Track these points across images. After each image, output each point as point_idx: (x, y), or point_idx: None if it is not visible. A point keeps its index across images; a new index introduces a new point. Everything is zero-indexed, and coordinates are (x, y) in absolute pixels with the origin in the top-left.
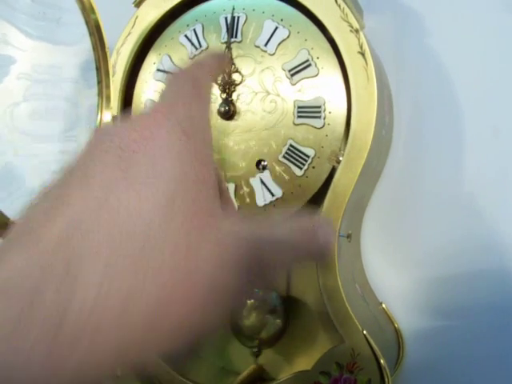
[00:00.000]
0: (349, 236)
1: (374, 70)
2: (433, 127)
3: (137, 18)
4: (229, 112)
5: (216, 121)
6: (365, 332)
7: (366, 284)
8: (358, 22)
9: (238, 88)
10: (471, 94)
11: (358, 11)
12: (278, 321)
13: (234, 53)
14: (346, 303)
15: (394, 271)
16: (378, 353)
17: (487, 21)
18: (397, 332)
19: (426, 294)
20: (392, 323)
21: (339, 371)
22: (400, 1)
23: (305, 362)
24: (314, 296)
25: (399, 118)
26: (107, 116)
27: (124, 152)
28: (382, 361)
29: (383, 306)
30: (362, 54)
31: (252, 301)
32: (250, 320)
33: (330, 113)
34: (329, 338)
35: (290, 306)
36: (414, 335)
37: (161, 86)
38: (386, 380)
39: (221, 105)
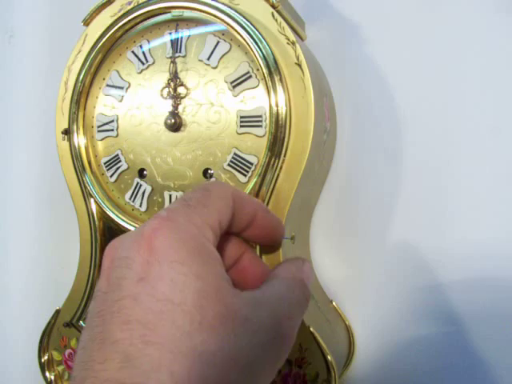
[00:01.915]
0: (292, 238)
1: (310, 79)
2: (373, 131)
3: (86, 35)
4: (175, 124)
5: (163, 133)
6: (311, 328)
7: (316, 283)
8: (298, 33)
9: (183, 101)
10: (409, 99)
11: (298, 23)
12: None
13: (179, 67)
14: None
15: (343, 270)
16: (325, 348)
17: (420, 25)
18: (347, 329)
19: (376, 291)
20: (343, 320)
21: (289, 367)
22: (339, 11)
23: None
24: None
25: (342, 123)
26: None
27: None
28: (328, 356)
29: (334, 303)
30: (299, 64)
31: None
32: None
33: (271, 122)
34: None
35: None
36: (365, 332)
37: (110, 100)
38: (333, 373)
39: (167, 117)
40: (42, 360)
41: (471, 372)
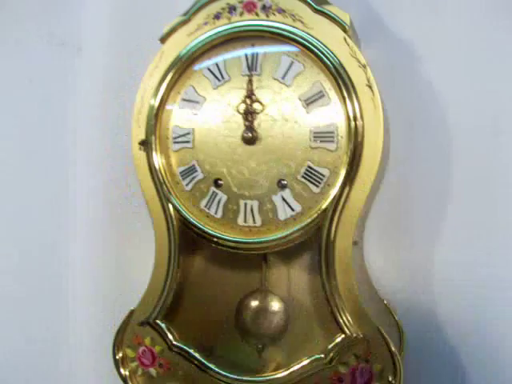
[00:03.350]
0: (356, 243)
1: (380, 100)
2: (424, 145)
3: (163, 53)
4: (252, 138)
5: (239, 145)
6: (379, 326)
7: (369, 282)
8: None
9: (258, 116)
10: (460, 114)
11: (357, 43)
12: (281, 320)
13: (255, 85)
14: (362, 302)
15: (394, 272)
16: (391, 344)
17: (472, 48)
18: (397, 324)
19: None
20: (393, 317)
21: (356, 361)
22: (393, 31)
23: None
24: (310, 298)
25: (395, 137)
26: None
27: None
28: (394, 350)
29: (385, 302)
30: (370, 86)
31: (257, 303)
32: (255, 320)
33: (341, 137)
34: (324, 334)
35: (290, 308)
36: (413, 328)
37: (186, 113)
38: (398, 366)
39: (245, 131)
40: (117, 357)
41: None
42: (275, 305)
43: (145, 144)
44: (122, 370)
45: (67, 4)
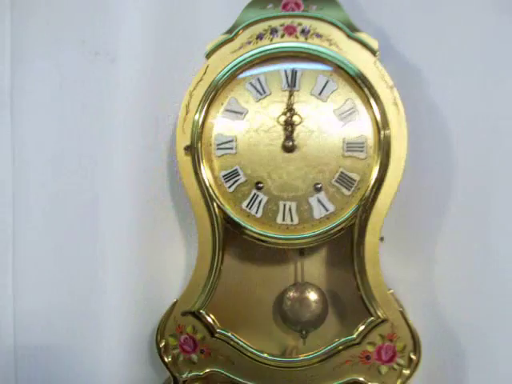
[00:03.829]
0: (382, 239)
1: (404, 116)
2: (429, 151)
3: (207, 67)
4: (292, 147)
5: (279, 153)
6: (401, 309)
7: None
8: None
9: (297, 127)
10: (463, 135)
11: None
12: (320, 308)
13: (294, 99)
14: (386, 289)
15: (402, 266)
16: (412, 325)
17: (474, 71)
18: (401, 314)
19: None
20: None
21: (382, 341)
22: (403, 56)
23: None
24: (344, 288)
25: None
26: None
27: None
28: (415, 331)
29: (391, 291)
30: (396, 104)
31: (299, 293)
32: (298, 309)
33: (370, 147)
34: (357, 318)
35: (328, 297)
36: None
37: (228, 122)
38: (418, 344)
39: (285, 140)
40: (160, 346)
41: None
42: (315, 295)
43: (190, 149)
44: (165, 358)
45: (102, 15)
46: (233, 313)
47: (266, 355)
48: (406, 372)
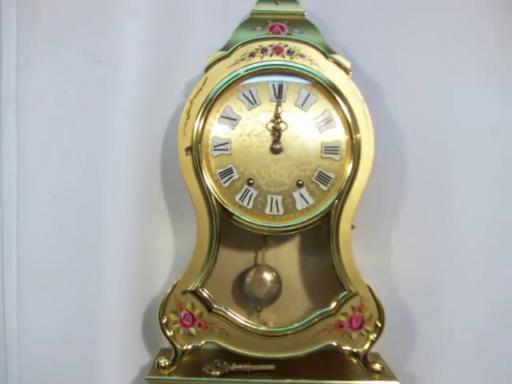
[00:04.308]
0: (353, 227)
1: (372, 125)
2: (389, 154)
3: (206, 79)
4: (278, 149)
5: (268, 154)
6: (369, 286)
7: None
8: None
9: (283, 133)
10: (415, 137)
11: None
12: (276, 287)
13: (281, 109)
14: (357, 268)
15: (366, 250)
16: (378, 298)
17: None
18: (369, 288)
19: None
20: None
21: (353, 311)
22: (364, 73)
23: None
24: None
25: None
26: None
27: None
28: (380, 302)
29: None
30: (365, 115)
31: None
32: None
33: (344, 150)
34: (330, 292)
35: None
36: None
37: (224, 127)
38: (382, 314)
39: (273, 144)
40: (163, 321)
41: None
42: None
43: (190, 150)
44: (167, 332)
45: (103, 26)
46: (225, 289)
47: (255, 326)
48: (373, 336)
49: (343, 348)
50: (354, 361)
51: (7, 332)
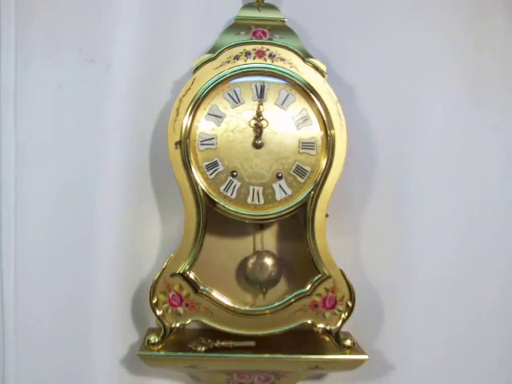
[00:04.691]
0: (327, 215)
1: (345, 124)
2: (360, 150)
3: (194, 79)
4: (260, 144)
5: (250, 149)
6: (342, 270)
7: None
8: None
9: (264, 130)
10: (385, 138)
11: None
12: (276, 271)
13: (262, 108)
14: (330, 253)
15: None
16: (350, 280)
17: (398, 89)
18: (341, 272)
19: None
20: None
21: (326, 292)
22: (340, 78)
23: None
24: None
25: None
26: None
27: None
28: (351, 284)
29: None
30: (339, 114)
31: (261, 260)
32: (259, 272)
33: (319, 146)
34: (306, 275)
35: (283, 263)
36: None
37: (210, 124)
38: (353, 294)
39: (255, 139)
40: (153, 302)
41: None
42: (271, 260)
43: (179, 144)
44: (157, 311)
45: (96, 26)
46: (210, 272)
47: (237, 306)
48: (344, 315)
49: (317, 326)
50: (327, 339)
51: (4, 309)
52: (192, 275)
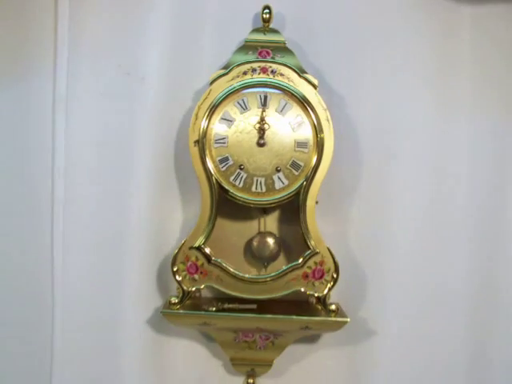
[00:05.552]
0: (317, 202)
1: (332, 128)
2: (341, 150)
3: (210, 90)
4: (263, 143)
5: (255, 147)
6: (328, 246)
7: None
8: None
9: (267, 132)
10: (369, 142)
11: None
12: (276, 248)
13: (265, 114)
14: (320, 234)
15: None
16: (334, 256)
17: (383, 96)
18: (328, 249)
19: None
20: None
21: (315, 265)
22: (331, 86)
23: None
24: (291, 234)
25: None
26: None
27: None
28: (335, 258)
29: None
30: (328, 120)
31: (264, 239)
32: (262, 249)
33: (311, 146)
34: (299, 251)
35: (282, 242)
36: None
37: (222, 126)
38: (337, 268)
39: (259, 139)
40: (174, 269)
41: None
42: (272, 239)
43: (198, 143)
44: (177, 277)
45: (133, 44)
46: (221, 247)
47: (242, 274)
48: (330, 284)
49: (308, 292)
50: (318, 307)
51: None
52: (207, 250)
